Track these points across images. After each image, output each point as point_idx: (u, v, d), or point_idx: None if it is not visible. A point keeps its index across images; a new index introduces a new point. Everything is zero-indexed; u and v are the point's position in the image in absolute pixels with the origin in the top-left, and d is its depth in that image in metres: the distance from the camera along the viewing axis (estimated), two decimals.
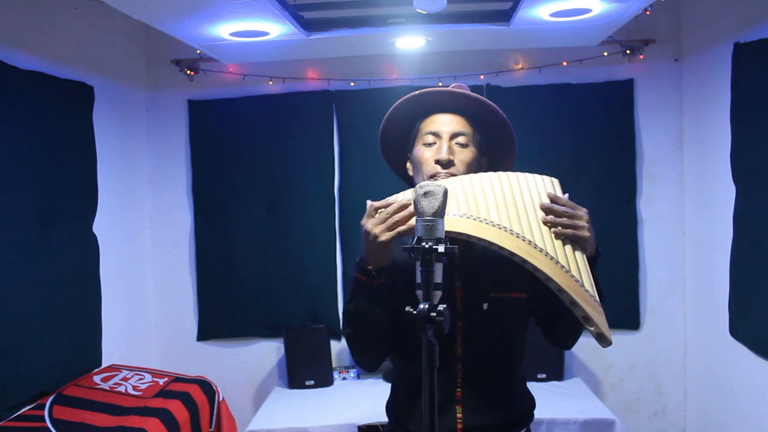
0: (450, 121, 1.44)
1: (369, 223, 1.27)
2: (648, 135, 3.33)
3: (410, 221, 1.25)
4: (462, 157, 1.42)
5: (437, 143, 1.42)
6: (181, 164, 3.49)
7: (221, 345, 3.52)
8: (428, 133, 1.43)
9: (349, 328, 1.42)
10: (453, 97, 1.44)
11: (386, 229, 1.25)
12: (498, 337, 1.44)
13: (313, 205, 3.40)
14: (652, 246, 3.36)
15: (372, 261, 1.31)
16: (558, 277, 1.21)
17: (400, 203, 1.27)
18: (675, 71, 3.30)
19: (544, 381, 3.17)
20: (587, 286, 1.23)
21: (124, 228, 3.25)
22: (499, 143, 1.51)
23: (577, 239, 1.27)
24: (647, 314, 3.37)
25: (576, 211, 1.29)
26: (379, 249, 1.28)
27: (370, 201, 1.30)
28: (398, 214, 1.26)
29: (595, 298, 1.23)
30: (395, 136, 1.51)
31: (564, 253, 1.25)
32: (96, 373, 2.78)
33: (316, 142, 3.40)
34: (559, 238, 1.26)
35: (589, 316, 1.21)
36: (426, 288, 1.07)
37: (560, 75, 3.32)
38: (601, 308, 1.24)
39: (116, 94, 3.18)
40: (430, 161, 1.41)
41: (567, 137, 3.32)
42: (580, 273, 1.24)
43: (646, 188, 3.35)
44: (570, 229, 1.27)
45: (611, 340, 1.23)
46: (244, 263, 3.43)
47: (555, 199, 1.30)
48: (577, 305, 1.21)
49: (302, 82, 3.38)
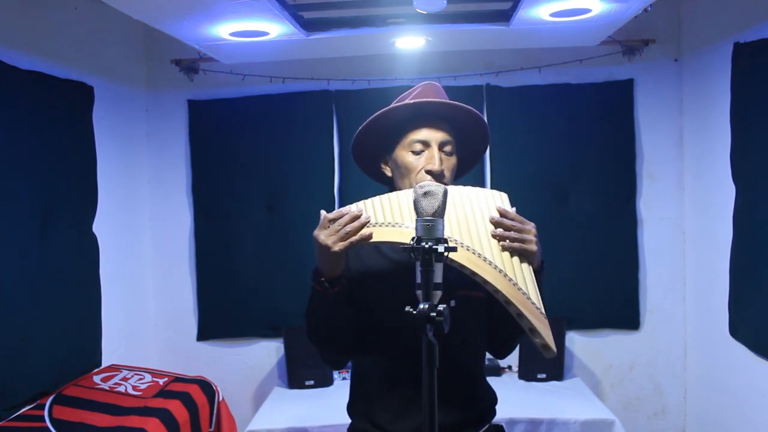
0: (438, 129, 1.44)
1: (322, 234, 1.29)
2: (648, 135, 3.33)
3: (362, 231, 1.27)
4: (449, 165, 1.44)
5: (426, 152, 1.43)
6: (181, 164, 3.48)
7: (221, 345, 3.52)
8: (417, 141, 1.44)
9: (310, 334, 1.47)
10: (443, 106, 1.45)
11: (339, 240, 1.27)
12: (465, 335, 1.45)
13: (312, 205, 3.39)
14: (651, 246, 3.35)
15: (326, 271, 1.33)
16: (506, 289, 1.24)
17: (352, 214, 1.28)
18: (675, 71, 3.29)
19: (543, 381, 3.17)
20: (534, 299, 1.25)
21: (124, 228, 3.25)
22: (471, 145, 1.54)
23: (524, 252, 1.29)
24: (647, 314, 3.37)
25: (524, 226, 1.31)
26: (332, 259, 1.30)
27: (323, 211, 1.33)
28: (350, 224, 1.27)
29: (540, 310, 1.25)
30: (374, 135, 1.51)
31: (512, 266, 1.28)
32: (96, 373, 2.78)
33: (316, 142, 3.40)
34: (507, 251, 1.28)
35: (535, 327, 1.23)
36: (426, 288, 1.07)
37: (560, 75, 3.32)
38: (547, 320, 1.25)
39: (116, 94, 3.18)
40: (420, 170, 1.42)
41: (567, 137, 3.32)
42: (527, 285, 1.27)
43: (646, 188, 3.35)
44: (518, 243, 1.29)
45: (555, 351, 1.25)
46: (243, 263, 3.43)
47: (504, 213, 1.32)
48: (523, 317, 1.24)
49: (302, 82, 3.38)
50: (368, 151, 1.54)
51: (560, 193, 3.33)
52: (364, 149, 1.54)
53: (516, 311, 1.24)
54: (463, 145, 1.51)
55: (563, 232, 3.28)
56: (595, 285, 3.32)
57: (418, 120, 1.45)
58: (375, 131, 1.49)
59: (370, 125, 1.48)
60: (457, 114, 1.46)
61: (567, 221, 3.32)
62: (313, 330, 1.45)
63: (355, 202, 1.33)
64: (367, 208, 1.31)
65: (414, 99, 1.46)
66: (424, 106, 1.45)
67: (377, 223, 1.29)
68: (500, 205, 1.34)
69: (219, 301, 3.46)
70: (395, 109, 1.46)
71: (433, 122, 1.44)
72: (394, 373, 1.43)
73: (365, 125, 1.48)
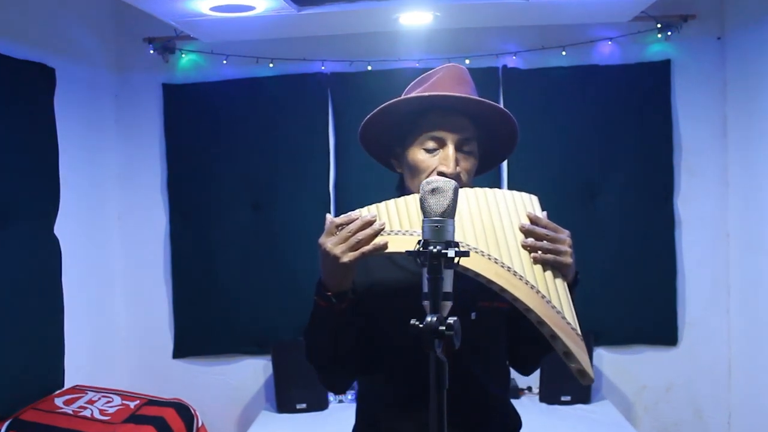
0: (456, 126, 1.42)
1: (328, 242, 1.27)
2: (687, 124, 3.32)
3: (375, 240, 1.25)
4: (466, 166, 1.42)
5: (441, 151, 1.41)
6: (155, 157, 3.48)
7: (200, 363, 3.51)
8: (431, 137, 1.41)
9: (310, 355, 1.44)
10: (463, 101, 1.42)
11: (348, 249, 1.25)
12: (486, 351, 1.45)
13: (305, 203, 3.39)
14: (691, 250, 3.34)
15: (332, 285, 1.31)
16: (539, 308, 1.22)
17: (364, 219, 1.26)
18: (718, 51, 3.28)
19: (568, 404, 3.16)
20: (569, 318, 1.24)
21: (90, 229, 3.24)
22: (494, 144, 1.51)
23: (558, 265, 1.28)
24: (686, 328, 3.36)
25: (558, 234, 1.29)
26: (339, 271, 1.28)
27: (329, 216, 1.30)
28: (362, 231, 1.25)
29: (576, 331, 1.24)
30: (383, 127, 1.49)
31: (545, 281, 1.26)
32: (58, 396, 2.78)
33: (309, 132, 3.39)
34: (539, 264, 1.27)
35: (571, 351, 1.22)
36: (434, 298, 1.06)
37: (587, 56, 3.31)
38: (583, 342, 1.24)
39: (81, 77, 3.17)
40: (432, 172, 1.40)
41: (594, 126, 3.31)
42: (561, 303, 1.25)
43: (685, 184, 3.34)
44: (551, 254, 1.27)
45: (593, 378, 1.24)
46: (226, 270, 3.43)
47: (535, 220, 1.31)
48: (558, 339, 1.22)
49: (293, 64, 3.37)
50: (378, 142, 1.53)
51: (587, 191, 3.32)
52: (372, 141, 1.53)
53: (549, 333, 1.22)
54: (486, 143, 1.49)
55: (590, 235, 3.27)
56: (627, 295, 3.31)
57: (433, 113, 1.43)
58: (383, 123, 1.48)
59: (375, 118, 1.46)
60: (482, 109, 1.44)
61: (594, 222, 3.31)
62: (315, 352, 1.42)
63: (367, 206, 1.31)
64: (380, 213, 1.29)
65: (430, 90, 1.43)
66: (437, 100, 1.42)
67: (392, 231, 1.27)
68: (530, 209, 1.33)
69: (198, 313, 3.46)
70: (405, 102, 1.44)
71: (451, 117, 1.41)
72: (407, 396, 1.42)
73: (370, 117, 1.46)
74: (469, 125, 1.43)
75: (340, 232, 1.27)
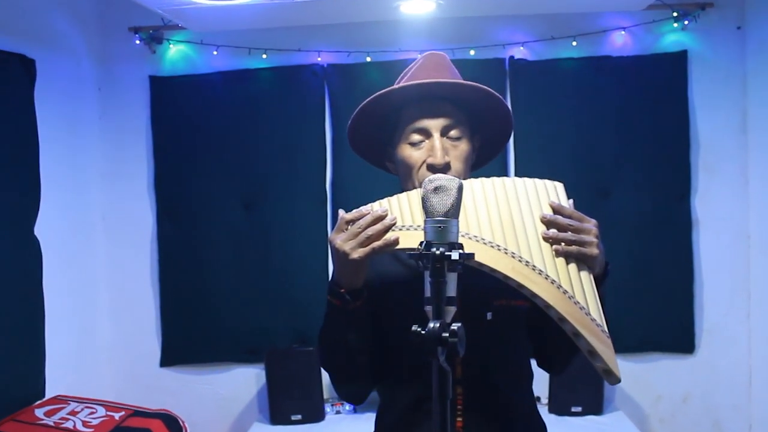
0: (437, 112, 1.42)
1: (338, 239, 1.28)
2: (705, 118, 3.32)
3: (387, 236, 1.26)
4: (457, 153, 1.42)
5: (426, 142, 1.42)
6: (141, 153, 3.48)
7: (189, 372, 3.51)
8: (413, 130, 1.42)
9: (326, 358, 1.45)
10: (437, 86, 1.42)
11: (358, 246, 1.26)
12: (504, 353, 1.45)
13: (300, 203, 3.39)
14: (709, 252, 3.34)
15: (345, 282, 1.32)
16: (560, 304, 1.21)
17: (374, 214, 1.27)
18: (737, 41, 3.28)
19: (579, 415, 3.16)
20: (594, 315, 1.23)
21: (73, 231, 3.24)
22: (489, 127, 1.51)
23: (583, 257, 1.27)
24: (704, 335, 3.36)
25: (583, 224, 1.28)
26: (351, 268, 1.29)
27: (342, 211, 1.31)
28: (373, 227, 1.26)
29: (602, 328, 1.23)
30: (370, 128, 1.50)
31: (567, 276, 1.25)
32: (38, 406, 2.77)
33: (305, 127, 3.39)
34: (562, 257, 1.26)
35: (595, 350, 1.21)
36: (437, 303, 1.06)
37: (599, 46, 3.31)
38: (610, 340, 1.24)
39: (62, 69, 3.17)
40: (421, 166, 1.41)
41: (606, 122, 3.31)
42: (586, 299, 1.24)
43: (703, 183, 3.34)
44: (575, 246, 1.26)
45: (620, 378, 1.24)
46: (217, 273, 3.42)
47: (558, 210, 1.29)
48: (581, 337, 1.21)
49: (288, 55, 3.37)
50: (369, 147, 1.54)
51: (599, 190, 3.32)
52: (363, 147, 1.54)
53: (572, 330, 1.21)
54: (481, 126, 1.49)
55: (603, 236, 3.25)
56: (641, 300, 3.30)
57: (412, 105, 1.44)
58: (368, 126, 1.49)
59: (358, 122, 1.48)
60: (464, 92, 1.44)
61: (607, 222, 3.27)
62: (331, 355, 1.44)
63: (378, 200, 1.32)
64: (392, 207, 1.29)
65: (407, 80, 1.44)
66: (413, 90, 1.42)
67: (404, 226, 1.27)
68: (554, 198, 1.32)
69: (187, 318, 3.46)
70: (379, 99, 1.44)
71: (430, 105, 1.42)
72: (422, 406, 1.42)
73: (353, 122, 1.48)
74: (452, 110, 1.43)
75: (351, 228, 1.28)
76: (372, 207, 1.30)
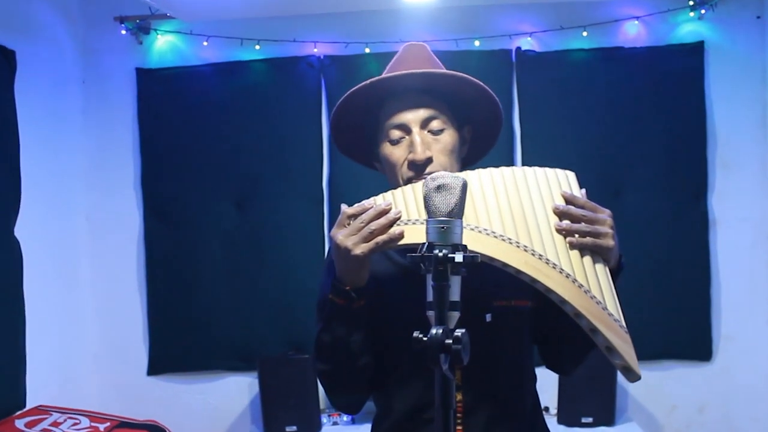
0: (414, 104, 1.43)
1: (340, 234, 1.28)
2: (723, 112, 3.32)
3: (391, 230, 1.26)
4: (440, 146, 1.42)
5: (406, 138, 1.42)
6: (127, 150, 3.48)
7: (178, 381, 3.51)
8: (392, 127, 1.43)
9: (325, 364, 1.44)
10: (413, 78, 1.43)
11: (361, 241, 1.26)
12: (505, 357, 1.45)
13: (295, 202, 3.39)
14: (727, 254, 3.34)
15: (349, 280, 1.32)
16: (575, 299, 1.22)
17: (378, 208, 1.27)
18: (757, 31, 3.29)
19: (590, 426, 3.16)
20: (611, 309, 1.24)
21: (55, 231, 3.23)
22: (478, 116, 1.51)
23: (598, 249, 1.28)
24: (721, 341, 3.36)
25: (597, 214, 1.29)
26: (354, 265, 1.29)
27: (344, 205, 1.32)
28: (376, 221, 1.26)
29: (620, 323, 1.24)
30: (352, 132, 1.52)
31: (582, 269, 1.26)
32: (19, 417, 2.77)
33: (300, 122, 3.39)
34: (576, 249, 1.27)
35: (614, 346, 1.22)
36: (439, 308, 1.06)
37: (610, 36, 3.31)
38: (628, 335, 1.24)
39: (44, 60, 3.16)
40: (403, 163, 1.42)
41: (618, 116, 3.31)
42: (602, 293, 1.25)
43: (720, 180, 3.34)
44: (590, 238, 1.27)
45: (640, 375, 1.24)
46: (208, 276, 3.42)
47: (571, 200, 1.30)
48: (598, 333, 1.22)
49: (282, 46, 3.37)
50: (358, 149, 1.56)
51: (610, 188, 3.32)
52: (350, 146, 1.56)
53: (589, 326, 1.22)
54: (471, 117, 1.49)
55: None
56: (655, 305, 3.30)
57: (388, 101, 1.45)
58: (350, 128, 1.51)
59: (338, 123, 1.50)
60: (439, 82, 1.44)
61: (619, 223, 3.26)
62: (330, 360, 1.43)
63: (381, 193, 1.32)
64: (396, 200, 1.30)
65: (385, 73, 1.46)
66: (386, 85, 1.44)
67: (409, 220, 1.28)
68: (566, 188, 1.33)
69: (176, 324, 3.46)
70: (352, 98, 1.46)
71: (406, 98, 1.43)
72: (422, 415, 1.42)
73: (333, 123, 1.50)
74: (431, 101, 1.43)
75: (353, 222, 1.28)
76: (375, 200, 1.31)
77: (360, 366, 1.41)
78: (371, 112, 1.48)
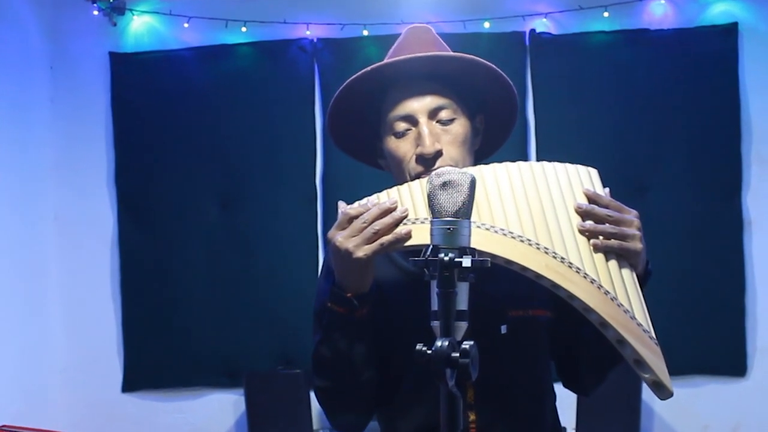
0: (421, 92, 1.42)
1: (339, 236, 1.27)
2: (758, 102, 3.32)
3: (397, 230, 1.25)
4: (451, 138, 1.41)
5: (413, 130, 1.42)
6: (100, 143, 3.48)
7: (156, 398, 3.51)
8: (397, 118, 1.42)
9: (324, 380, 1.43)
10: (418, 63, 1.42)
11: (364, 242, 1.25)
12: (523, 373, 1.44)
13: (285, 201, 3.40)
14: (764, 258, 3.34)
15: (350, 286, 1.31)
16: (601, 306, 1.22)
17: (382, 206, 1.27)
18: None
19: None
20: (639, 318, 1.24)
21: (20, 232, 3.24)
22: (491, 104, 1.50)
23: (624, 252, 1.27)
24: (757, 355, 3.36)
25: (623, 215, 1.29)
26: (355, 270, 1.28)
27: (342, 204, 1.31)
28: (380, 220, 1.26)
29: (650, 334, 1.23)
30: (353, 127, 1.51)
31: (608, 274, 1.26)
32: None
33: (291, 112, 3.40)
34: (601, 252, 1.27)
35: (643, 359, 1.21)
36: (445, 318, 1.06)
37: (634, 18, 3.31)
38: (659, 347, 1.23)
39: (8, 43, 3.17)
40: (410, 158, 1.41)
41: (643, 105, 3.31)
42: (630, 300, 1.25)
43: (756, 177, 3.34)
44: (616, 240, 1.27)
45: (672, 391, 1.23)
46: (188, 283, 3.43)
47: (595, 199, 1.30)
48: (626, 344, 1.21)
49: (271, 28, 3.37)
50: (360, 145, 1.55)
51: (635, 185, 3.32)
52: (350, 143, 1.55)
53: (616, 337, 1.22)
54: (483, 105, 1.49)
55: None
56: (685, 314, 3.31)
57: (392, 90, 1.44)
58: (350, 121, 1.50)
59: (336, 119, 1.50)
60: (447, 66, 1.43)
61: (644, 223, 3.29)
62: (329, 372, 1.41)
63: (386, 189, 1.31)
64: (402, 197, 1.29)
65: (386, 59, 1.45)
66: (387, 72, 1.43)
67: (417, 219, 1.27)
68: (588, 186, 1.32)
69: (153, 336, 3.45)
70: (351, 88, 1.45)
71: (412, 86, 1.42)
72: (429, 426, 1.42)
73: (330, 119, 1.50)
74: (439, 88, 1.43)
75: (354, 223, 1.27)
76: (378, 198, 1.30)
77: (363, 381, 1.40)
78: (372, 103, 1.47)
